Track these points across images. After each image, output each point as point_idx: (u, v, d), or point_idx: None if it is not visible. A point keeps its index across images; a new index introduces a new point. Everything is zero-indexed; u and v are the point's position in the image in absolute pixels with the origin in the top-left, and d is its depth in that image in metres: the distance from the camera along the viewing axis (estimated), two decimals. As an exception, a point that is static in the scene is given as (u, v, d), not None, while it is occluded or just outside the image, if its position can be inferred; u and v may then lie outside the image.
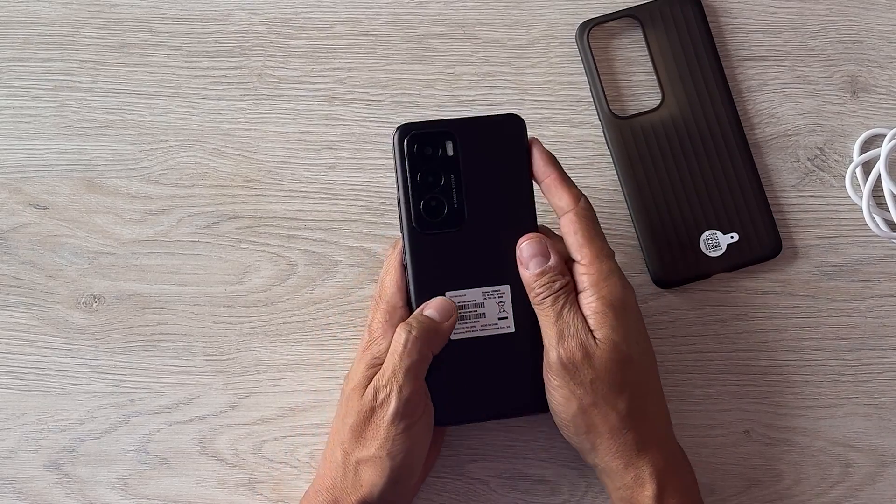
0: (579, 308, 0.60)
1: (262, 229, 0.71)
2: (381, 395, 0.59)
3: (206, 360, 0.69)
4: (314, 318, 0.70)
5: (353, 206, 0.71)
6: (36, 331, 0.70)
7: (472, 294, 0.62)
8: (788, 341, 0.69)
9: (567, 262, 0.62)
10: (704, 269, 0.69)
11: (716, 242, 0.69)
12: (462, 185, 0.62)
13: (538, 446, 0.68)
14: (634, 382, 0.60)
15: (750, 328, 0.70)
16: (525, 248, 0.61)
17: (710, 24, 0.72)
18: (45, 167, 0.71)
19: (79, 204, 0.71)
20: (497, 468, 0.68)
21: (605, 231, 0.64)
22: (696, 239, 0.70)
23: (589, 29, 0.72)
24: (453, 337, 0.62)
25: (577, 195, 0.62)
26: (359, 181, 0.71)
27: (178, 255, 0.70)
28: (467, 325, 0.62)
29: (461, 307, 0.62)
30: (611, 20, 0.72)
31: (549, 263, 0.61)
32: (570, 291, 0.61)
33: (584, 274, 0.61)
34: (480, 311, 0.62)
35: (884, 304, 0.70)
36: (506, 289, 0.62)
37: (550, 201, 0.62)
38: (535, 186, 0.63)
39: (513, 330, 0.62)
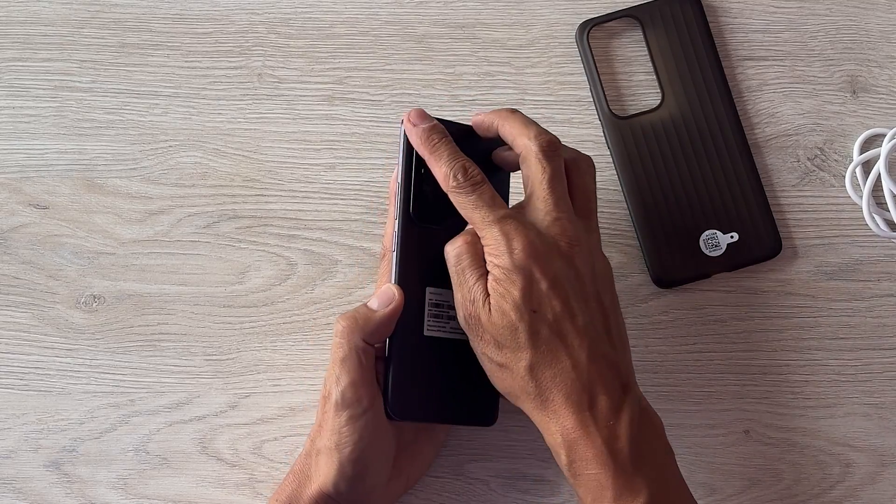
0: (481, 275, 0.59)
1: (262, 229, 0.71)
2: (327, 387, 0.60)
3: (206, 359, 0.69)
4: (314, 318, 0.70)
5: (353, 206, 0.71)
6: (36, 331, 0.70)
7: (450, 295, 0.61)
8: (788, 341, 0.69)
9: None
10: (704, 268, 0.69)
11: (716, 242, 0.69)
12: None
13: (538, 446, 0.68)
14: (531, 343, 0.57)
15: (750, 328, 0.70)
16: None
17: (710, 24, 0.72)
18: (45, 167, 0.71)
19: (79, 204, 0.71)
20: (497, 468, 0.68)
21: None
22: (696, 239, 0.70)
23: (589, 29, 0.72)
24: (424, 333, 0.61)
25: (446, 174, 0.60)
26: (359, 181, 0.71)
27: (178, 255, 0.70)
28: (439, 323, 0.62)
29: (437, 305, 0.62)
30: (611, 20, 0.72)
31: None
32: (471, 256, 0.59)
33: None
34: (453, 312, 0.61)
35: (883, 303, 0.70)
36: None
37: None
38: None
39: None
